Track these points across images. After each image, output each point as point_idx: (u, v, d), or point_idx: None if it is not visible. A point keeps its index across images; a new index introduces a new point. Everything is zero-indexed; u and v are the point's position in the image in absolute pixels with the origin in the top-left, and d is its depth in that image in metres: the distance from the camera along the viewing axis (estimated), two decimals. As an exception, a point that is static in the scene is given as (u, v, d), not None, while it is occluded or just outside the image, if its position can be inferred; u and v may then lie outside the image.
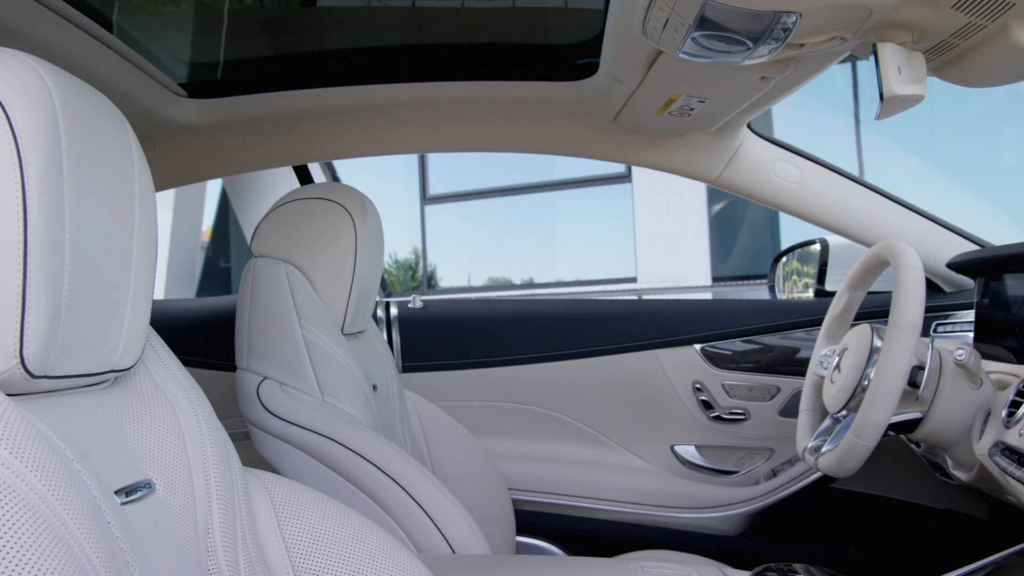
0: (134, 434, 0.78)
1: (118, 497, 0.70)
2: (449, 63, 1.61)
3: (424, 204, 8.36)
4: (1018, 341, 1.45)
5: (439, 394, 1.97)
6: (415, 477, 1.31)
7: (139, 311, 0.77)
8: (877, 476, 1.88)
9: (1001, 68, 1.11)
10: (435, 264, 8.94)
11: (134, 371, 0.82)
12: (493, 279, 8.71)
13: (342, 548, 0.90)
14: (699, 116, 1.50)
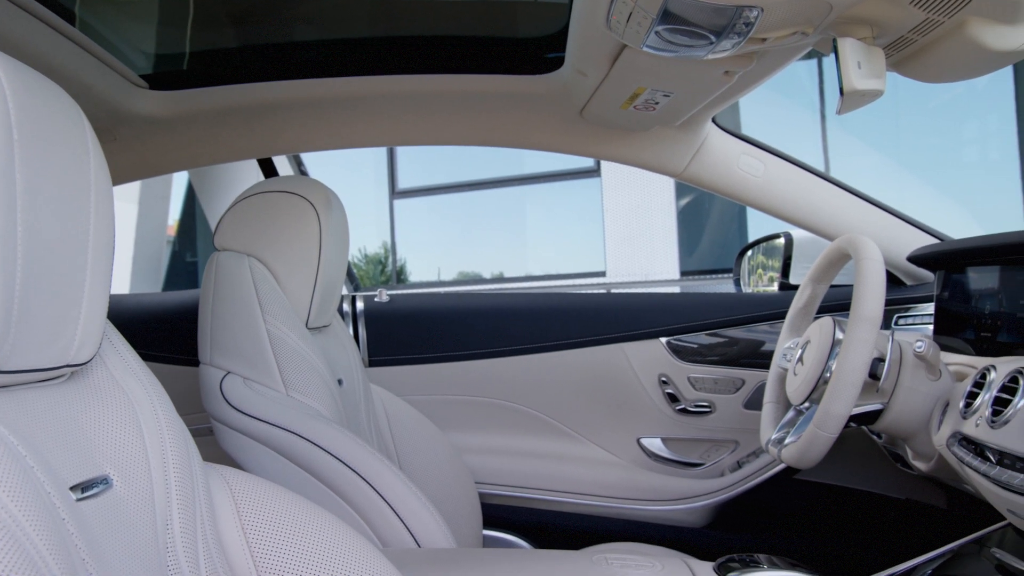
0: (90, 430, 0.76)
1: (73, 493, 0.69)
2: (415, 56, 1.60)
3: (393, 198, 8.33)
4: (976, 333, 1.47)
5: (406, 388, 1.96)
6: (380, 472, 1.30)
7: (95, 304, 0.76)
8: (840, 467, 1.90)
9: (958, 64, 1.13)
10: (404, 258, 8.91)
11: (91, 366, 0.81)
12: (463, 273, 8.70)
13: (304, 543, 0.89)
14: (664, 110, 1.50)
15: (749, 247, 2.34)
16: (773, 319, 1.93)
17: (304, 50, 1.65)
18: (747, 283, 2.34)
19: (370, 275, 9.05)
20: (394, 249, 8.63)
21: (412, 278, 8.90)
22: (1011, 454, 1.13)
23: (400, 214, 8.48)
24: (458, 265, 8.85)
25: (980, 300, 1.47)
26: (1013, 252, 1.36)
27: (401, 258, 8.89)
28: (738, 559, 1.16)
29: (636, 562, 1.15)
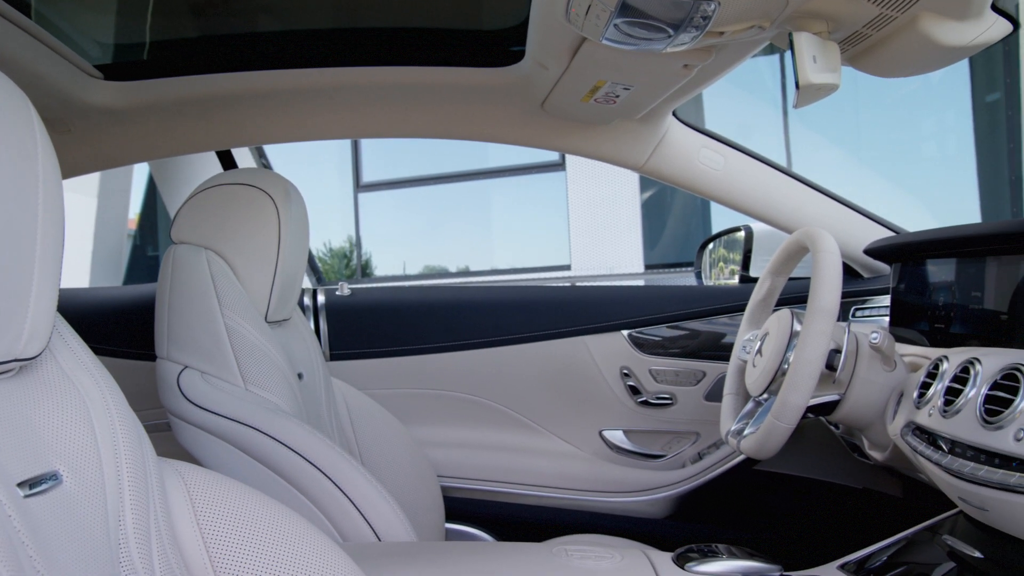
0: (40, 425, 0.75)
1: (21, 490, 0.68)
2: (376, 48, 1.59)
3: (358, 192, 8.28)
4: (930, 325, 1.49)
5: (367, 382, 1.95)
6: (340, 465, 1.30)
7: (44, 298, 0.75)
8: (798, 457, 1.93)
9: (912, 59, 1.14)
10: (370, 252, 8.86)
11: (41, 360, 0.80)
12: (429, 267, 8.67)
13: (261, 537, 0.88)
14: (624, 103, 1.51)
15: (710, 240, 2.36)
16: (733, 311, 1.95)
17: (264, 41, 1.63)
18: (708, 276, 2.36)
19: (335, 269, 8.99)
20: (359, 243, 8.59)
21: (378, 272, 8.86)
22: (962, 443, 1.15)
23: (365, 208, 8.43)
24: (424, 259, 8.82)
25: (934, 292, 1.49)
26: (966, 245, 1.39)
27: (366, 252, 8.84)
28: (697, 549, 1.17)
29: (596, 553, 1.16)
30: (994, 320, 1.31)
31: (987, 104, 6.32)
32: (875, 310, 1.84)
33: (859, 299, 1.86)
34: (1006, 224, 1.28)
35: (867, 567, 1.26)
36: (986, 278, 1.35)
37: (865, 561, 1.28)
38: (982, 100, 6.38)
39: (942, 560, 1.22)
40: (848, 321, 1.85)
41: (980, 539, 1.20)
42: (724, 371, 1.89)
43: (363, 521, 1.28)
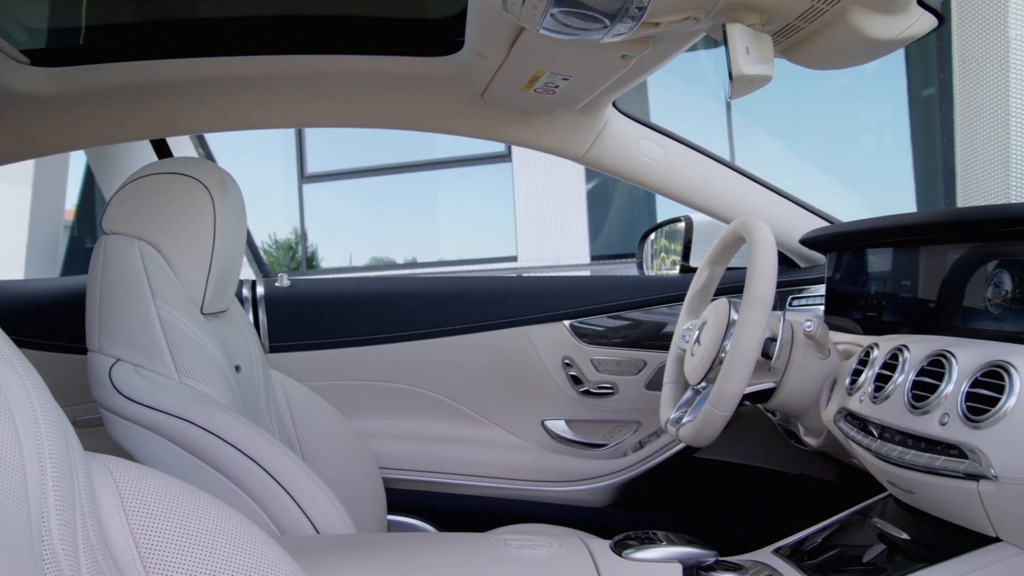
0: (-43, 420, 0.73)
1: (-64, 486, 0.66)
2: (314, 36, 1.57)
3: (302, 183, 8.19)
4: (863, 313, 1.53)
5: (308, 374, 1.93)
6: (277, 458, 1.28)
7: None
8: (737, 445, 1.96)
9: (843, 51, 1.16)
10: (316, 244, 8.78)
11: (-42, 353, 0.77)
12: (376, 259, 8.62)
13: (193, 532, 0.87)
14: (564, 93, 1.51)
15: (651, 231, 2.38)
16: (673, 301, 1.97)
17: (201, 28, 1.60)
18: (650, 266, 2.38)
19: (280, 261, 8.89)
20: (304, 234, 8.50)
21: (324, 264, 8.79)
22: (891, 428, 1.17)
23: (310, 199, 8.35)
24: (371, 251, 8.77)
25: (867, 281, 1.52)
26: (897, 234, 1.42)
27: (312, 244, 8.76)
28: (635, 536, 1.18)
29: (535, 542, 1.16)
30: (923, 308, 1.34)
31: (923, 98, 6.47)
32: (811, 299, 1.87)
33: (795, 288, 1.89)
34: (935, 214, 1.31)
35: (801, 551, 1.29)
36: (916, 267, 1.38)
37: (799, 545, 1.31)
38: (918, 94, 6.53)
39: (873, 542, 1.25)
40: (783, 310, 1.88)
41: (907, 521, 1.23)
42: (664, 360, 1.91)
43: (301, 514, 1.27)
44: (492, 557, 1.09)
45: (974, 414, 1.02)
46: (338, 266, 8.68)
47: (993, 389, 1.02)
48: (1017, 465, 0.95)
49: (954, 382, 1.09)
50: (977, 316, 1.21)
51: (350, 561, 1.07)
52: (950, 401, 1.08)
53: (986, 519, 1.04)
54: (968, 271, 1.23)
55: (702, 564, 1.12)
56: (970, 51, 5.44)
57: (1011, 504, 0.98)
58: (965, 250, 1.25)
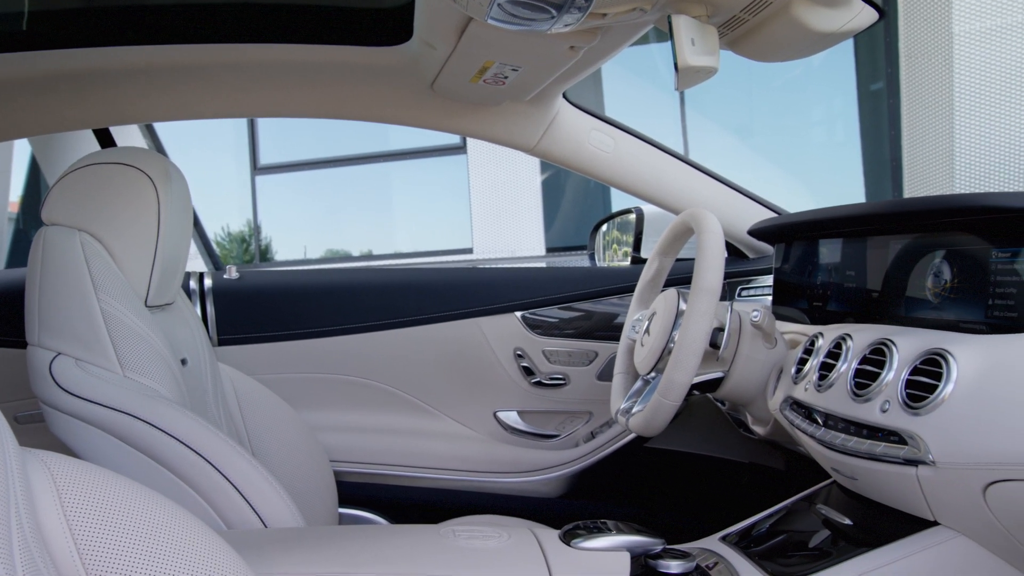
0: None
1: None
2: (260, 24, 1.54)
3: (255, 174, 8.09)
4: (809, 303, 1.55)
5: (258, 367, 1.91)
6: (224, 452, 1.26)
7: None
8: (688, 434, 1.98)
9: (787, 44, 1.17)
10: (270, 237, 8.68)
11: None
12: (331, 251, 8.55)
13: (134, 528, 0.85)
14: (513, 84, 1.51)
15: (603, 222, 2.39)
16: (624, 292, 1.98)
17: (144, 15, 1.57)
18: (602, 258, 2.39)
19: (234, 254, 8.78)
20: (256, 227, 8.40)
21: (278, 257, 8.70)
22: (834, 415, 1.19)
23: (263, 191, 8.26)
24: (326, 243, 8.70)
25: (813, 271, 1.54)
26: (842, 225, 1.44)
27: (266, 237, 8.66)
28: (583, 526, 1.19)
29: (484, 533, 1.16)
30: (867, 298, 1.37)
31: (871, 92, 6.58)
32: (759, 289, 1.90)
33: (744, 279, 1.91)
34: (878, 205, 1.34)
35: (748, 537, 1.30)
36: (861, 258, 1.40)
37: (746, 532, 1.33)
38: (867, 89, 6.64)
39: (818, 528, 1.27)
40: (731, 300, 1.91)
41: (851, 507, 1.25)
42: (615, 351, 1.92)
43: (248, 508, 1.25)
44: (441, 548, 1.09)
45: (913, 401, 1.05)
46: (293, 259, 8.60)
47: (932, 376, 1.04)
48: (953, 450, 0.97)
49: (894, 370, 1.11)
50: (918, 305, 1.23)
51: (297, 555, 1.06)
52: (891, 389, 1.10)
53: (924, 503, 1.06)
54: (911, 261, 1.26)
55: (650, 552, 1.13)
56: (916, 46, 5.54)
57: (948, 488, 1.00)
58: (908, 241, 1.27)
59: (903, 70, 5.68)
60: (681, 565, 1.11)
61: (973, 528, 1.02)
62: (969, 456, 0.95)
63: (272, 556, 1.04)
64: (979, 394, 0.96)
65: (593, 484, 1.98)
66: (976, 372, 0.99)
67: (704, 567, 1.17)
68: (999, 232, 1.10)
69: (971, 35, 5.18)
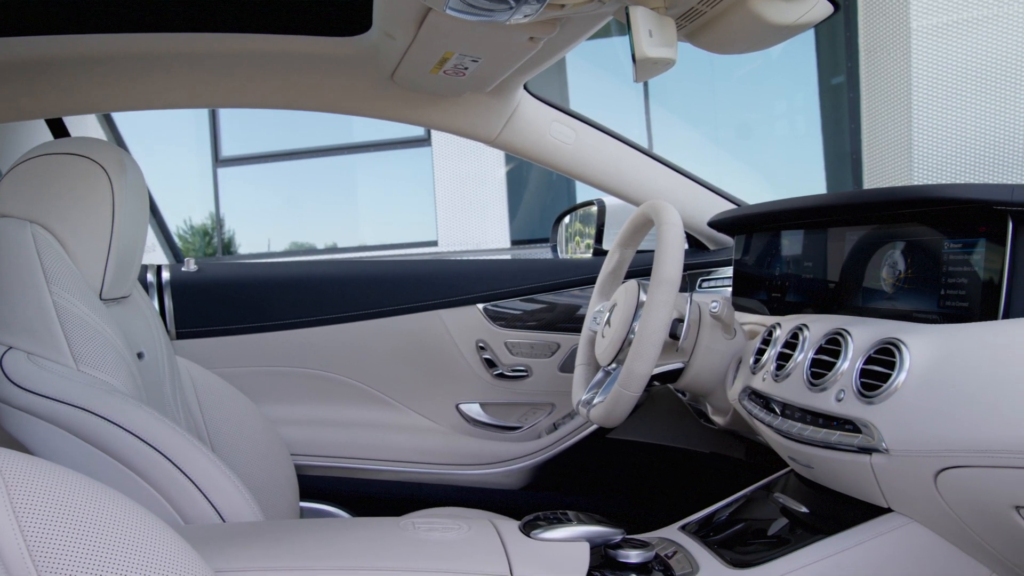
0: None
1: None
2: (218, 13, 1.52)
3: (217, 167, 8.00)
4: (768, 294, 1.56)
5: (217, 360, 1.89)
6: (181, 446, 1.25)
7: None
8: (649, 425, 1.99)
9: (744, 36, 1.18)
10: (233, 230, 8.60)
11: None
12: (296, 244, 8.49)
13: (87, 525, 0.84)
14: (474, 75, 1.50)
15: (565, 214, 2.39)
16: (586, 284, 1.98)
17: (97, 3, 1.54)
18: (564, 250, 2.40)
19: (196, 247, 8.68)
20: (219, 219, 8.31)
21: (241, 250, 8.62)
22: (791, 405, 1.21)
23: (226, 183, 8.18)
24: (290, 236, 8.63)
25: (772, 262, 1.56)
26: (800, 216, 1.45)
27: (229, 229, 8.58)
28: (543, 516, 1.19)
29: (444, 525, 1.16)
30: (825, 288, 1.38)
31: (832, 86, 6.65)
32: (720, 281, 1.91)
33: (705, 270, 1.93)
34: (834, 196, 1.35)
35: (707, 526, 1.31)
36: (819, 249, 1.42)
37: (706, 521, 1.34)
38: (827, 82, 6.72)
39: (776, 516, 1.28)
40: (691, 291, 1.92)
41: (807, 495, 1.27)
42: (578, 343, 1.93)
43: (206, 503, 1.24)
44: (400, 541, 1.09)
45: (867, 390, 1.06)
46: (256, 252, 8.53)
47: (885, 366, 1.05)
48: (906, 438, 0.98)
49: (849, 359, 1.12)
50: (874, 296, 1.24)
51: (255, 549, 1.05)
52: (845, 378, 1.11)
53: (878, 491, 1.08)
54: (867, 252, 1.27)
55: (609, 542, 1.14)
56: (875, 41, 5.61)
57: (901, 476, 1.01)
58: (865, 232, 1.29)
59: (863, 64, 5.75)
60: (640, 554, 1.12)
61: (925, 514, 1.04)
62: (921, 444, 0.96)
63: (229, 551, 1.03)
64: (931, 383, 0.98)
65: (556, 475, 1.98)
66: (928, 361, 1.00)
67: (663, 556, 1.17)
68: (952, 224, 1.12)
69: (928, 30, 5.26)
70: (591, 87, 7.33)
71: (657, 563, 1.14)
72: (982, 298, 1.05)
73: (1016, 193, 1.01)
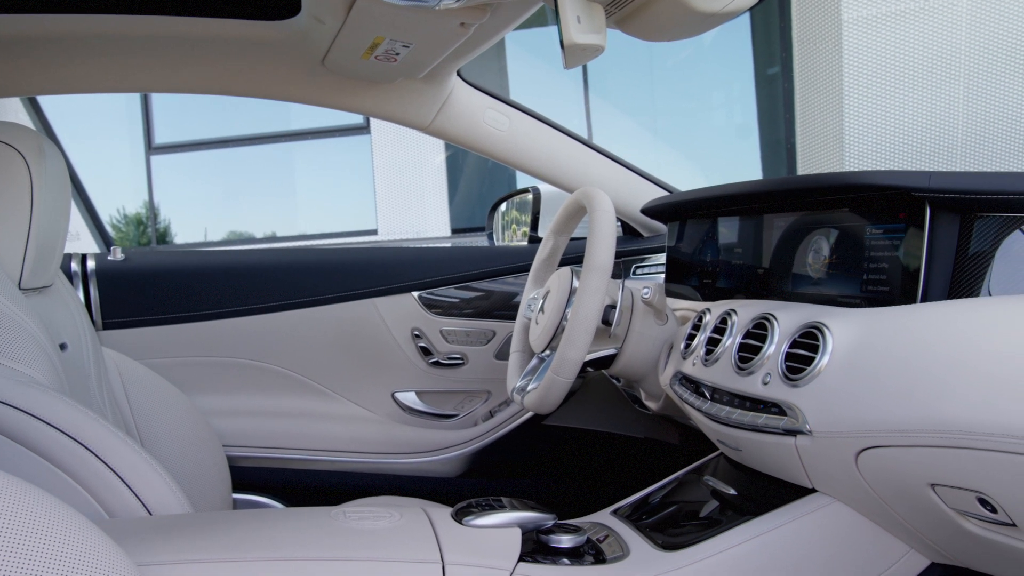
0: None
1: None
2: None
3: (150, 154, 7.82)
4: (700, 280, 1.58)
5: (146, 351, 1.85)
6: (104, 438, 1.21)
7: None
8: (585, 411, 2.00)
9: (672, 24, 1.18)
10: (168, 219, 8.42)
11: None
12: (234, 233, 8.34)
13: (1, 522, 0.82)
14: (405, 61, 1.49)
15: (501, 201, 2.39)
16: (521, 271, 1.99)
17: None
18: (500, 237, 2.39)
19: (130, 237, 8.48)
20: (152, 208, 8.13)
21: (178, 240, 8.44)
22: (720, 389, 1.22)
23: (160, 171, 8.00)
24: (228, 225, 8.48)
25: (704, 249, 1.58)
26: (729, 203, 1.47)
27: (165, 219, 8.39)
28: (476, 503, 1.19)
29: (375, 514, 1.15)
30: (754, 274, 1.40)
31: (768, 76, 6.76)
32: (654, 267, 1.93)
33: (639, 257, 1.94)
34: (763, 183, 1.37)
35: (639, 510, 1.33)
36: (748, 235, 1.44)
37: (638, 505, 1.35)
38: (764, 73, 6.82)
39: (707, 499, 1.30)
40: (623, 278, 1.93)
41: (736, 477, 1.29)
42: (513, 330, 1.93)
43: (131, 495, 1.21)
44: (330, 530, 1.08)
45: (792, 373, 1.08)
46: (193, 242, 8.37)
47: (810, 349, 1.07)
48: (828, 420, 1.00)
49: (775, 343, 1.14)
50: (801, 281, 1.27)
51: (180, 541, 1.03)
52: (772, 361, 1.13)
53: (803, 472, 1.10)
54: (795, 238, 1.30)
55: (541, 527, 1.14)
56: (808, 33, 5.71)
57: (824, 456, 1.03)
58: (793, 219, 1.31)
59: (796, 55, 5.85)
60: (572, 539, 1.12)
61: (847, 494, 1.06)
62: (842, 425, 0.98)
63: (153, 544, 1.01)
64: (852, 365, 1.00)
65: (492, 463, 1.99)
66: (850, 344, 1.02)
67: (595, 540, 1.18)
68: (874, 210, 1.14)
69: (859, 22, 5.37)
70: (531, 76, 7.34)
71: (588, 547, 1.15)
72: (902, 282, 1.07)
73: (933, 180, 1.03)
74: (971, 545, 0.94)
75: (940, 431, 0.85)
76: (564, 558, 1.10)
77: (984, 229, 1.04)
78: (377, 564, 1.00)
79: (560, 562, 1.09)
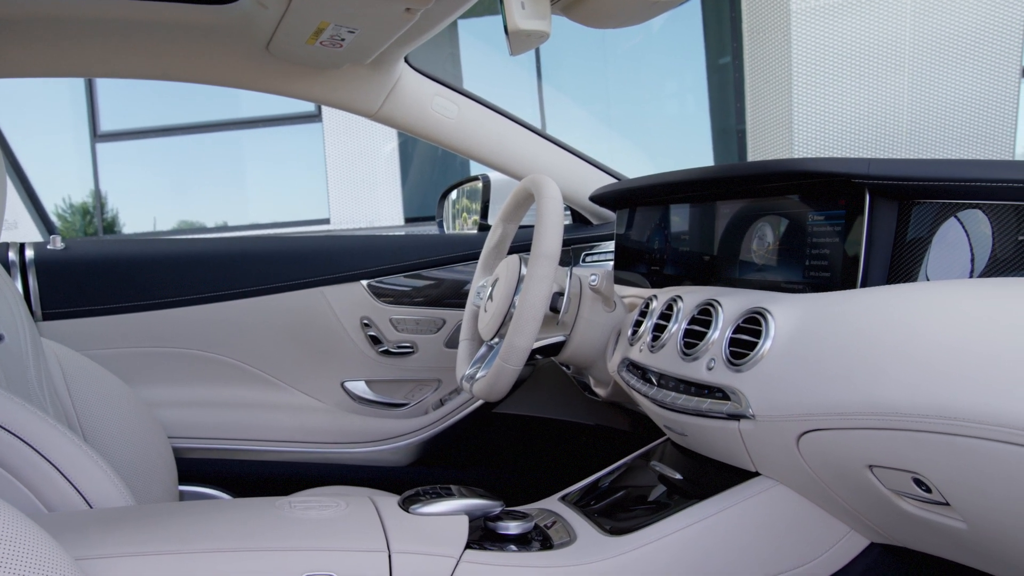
0: None
1: None
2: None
3: (95, 142, 7.66)
4: (648, 267, 1.59)
5: (88, 342, 1.81)
6: (42, 430, 1.19)
7: None
8: (535, 399, 2.00)
9: (617, 11, 1.19)
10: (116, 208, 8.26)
11: None
12: (184, 223, 8.20)
13: None
14: (351, 47, 1.47)
15: (451, 189, 2.38)
16: (470, 259, 1.98)
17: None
18: (451, 225, 2.39)
19: (76, 227, 8.30)
20: (98, 197, 7.97)
21: (126, 229, 8.29)
22: (667, 375, 1.23)
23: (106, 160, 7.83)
24: (178, 215, 8.34)
25: (652, 236, 1.59)
26: (675, 190, 1.48)
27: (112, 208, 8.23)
28: (423, 491, 1.19)
29: (321, 503, 1.14)
30: (700, 261, 1.42)
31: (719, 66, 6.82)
32: (603, 255, 1.94)
33: (587, 245, 1.95)
34: (708, 170, 1.38)
35: (588, 496, 1.34)
36: (695, 222, 1.45)
37: (587, 491, 1.36)
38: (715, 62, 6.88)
39: (654, 484, 1.31)
40: (571, 265, 1.94)
41: (682, 462, 1.30)
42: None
43: (71, 489, 1.19)
44: (275, 520, 1.07)
45: (736, 358, 1.09)
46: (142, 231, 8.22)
47: (753, 334, 1.08)
48: (771, 404, 1.02)
49: (719, 329, 1.16)
50: (745, 267, 1.28)
51: (121, 534, 1.01)
52: (716, 347, 1.14)
53: (746, 455, 1.11)
54: (740, 225, 1.31)
55: (489, 514, 1.14)
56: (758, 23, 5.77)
57: (766, 440, 1.05)
58: (739, 206, 1.32)
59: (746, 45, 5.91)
60: (519, 525, 1.13)
61: (789, 477, 1.08)
62: (784, 409, 1.00)
63: (92, 537, 0.99)
64: (793, 350, 1.01)
65: (443, 451, 1.98)
66: (791, 329, 1.04)
67: (542, 526, 1.19)
68: (816, 197, 1.16)
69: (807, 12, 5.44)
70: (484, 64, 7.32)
71: (536, 533, 1.15)
72: (843, 268, 1.09)
73: (873, 167, 1.05)
74: (908, 524, 0.96)
75: (877, 413, 0.86)
76: (511, 544, 1.10)
77: (922, 215, 1.06)
78: (323, 554, 0.99)
79: (507, 548, 1.09)
